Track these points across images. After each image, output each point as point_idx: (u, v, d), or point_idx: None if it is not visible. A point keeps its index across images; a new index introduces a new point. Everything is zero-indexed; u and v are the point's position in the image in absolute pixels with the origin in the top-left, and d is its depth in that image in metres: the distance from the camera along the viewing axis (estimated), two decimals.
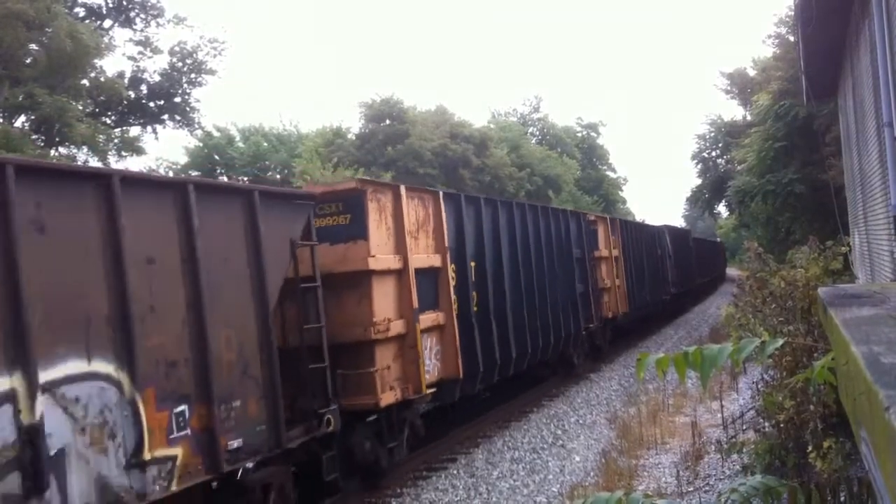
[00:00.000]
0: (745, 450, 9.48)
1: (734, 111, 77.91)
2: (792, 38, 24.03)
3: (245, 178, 44.00)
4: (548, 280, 17.07)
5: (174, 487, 7.04)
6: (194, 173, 43.11)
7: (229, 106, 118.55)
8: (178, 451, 7.15)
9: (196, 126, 43.91)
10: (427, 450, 12.83)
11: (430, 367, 11.93)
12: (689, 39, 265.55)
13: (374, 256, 10.72)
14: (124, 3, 38.93)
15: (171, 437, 7.09)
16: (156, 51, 40.37)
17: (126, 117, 40.43)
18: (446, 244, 12.74)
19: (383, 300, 10.91)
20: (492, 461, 12.57)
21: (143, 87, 40.54)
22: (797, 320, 8.53)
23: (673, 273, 32.72)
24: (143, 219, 7.08)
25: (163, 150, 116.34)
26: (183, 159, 50.29)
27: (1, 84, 27.60)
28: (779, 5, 51.49)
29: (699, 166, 55.02)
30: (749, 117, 39.25)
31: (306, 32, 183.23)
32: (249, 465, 8.29)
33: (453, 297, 12.77)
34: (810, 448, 7.80)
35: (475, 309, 13.55)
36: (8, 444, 5.60)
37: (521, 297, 15.49)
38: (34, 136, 29.95)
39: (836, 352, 2.57)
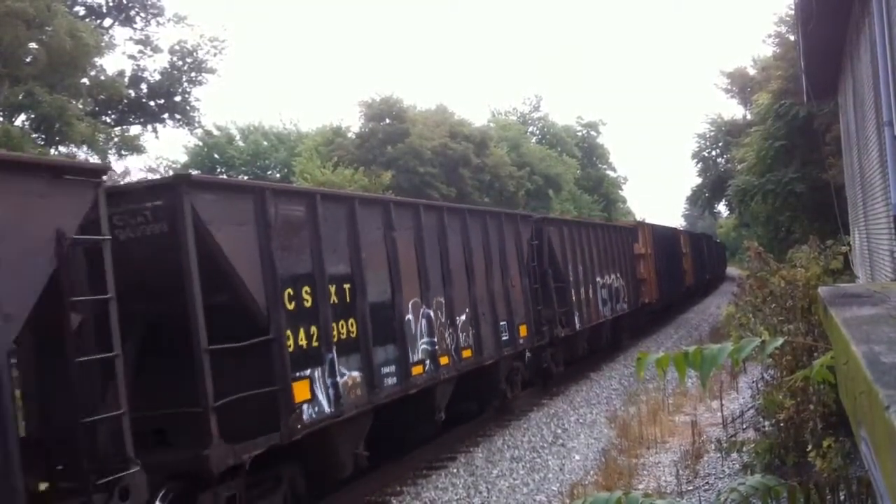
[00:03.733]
0: (744, 449, 9.47)
1: (734, 110, 77.79)
2: (792, 37, 24.02)
3: (245, 177, 44.00)
4: (671, 263, 33.81)
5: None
6: (195, 172, 43.14)
7: (229, 105, 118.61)
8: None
9: (196, 125, 43.90)
10: (426, 448, 12.85)
11: (651, 293, 28.19)
12: (689, 38, 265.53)
13: (641, 248, 27.37)
14: (124, 1, 38.92)
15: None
16: (156, 49, 40.37)
17: (126, 116, 40.41)
18: (651, 245, 29.20)
19: (643, 265, 27.30)
20: (492, 460, 12.58)
21: (144, 86, 40.51)
22: (797, 319, 8.52)
23: (707, 264, 49.18)
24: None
25: (163, 148, 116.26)
26: (183, 158, 50.42)
27: (1, 83, 27.60)
28: (779, 4, 51.45)
29: (699, 165, 55.01)
30: (749, 116, 39.25)
31: (306, 31, 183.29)
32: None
33: (653, 266, 28.93)
34: (810, 447, 7.80)
35: (656, 272, 29.44)
36: (613, 291, 23.08)
37: (667, 269, 32.10)
38: (34, 135, 29.95)
39: (836, 351, 2.57)
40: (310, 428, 8.73)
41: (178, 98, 41.37)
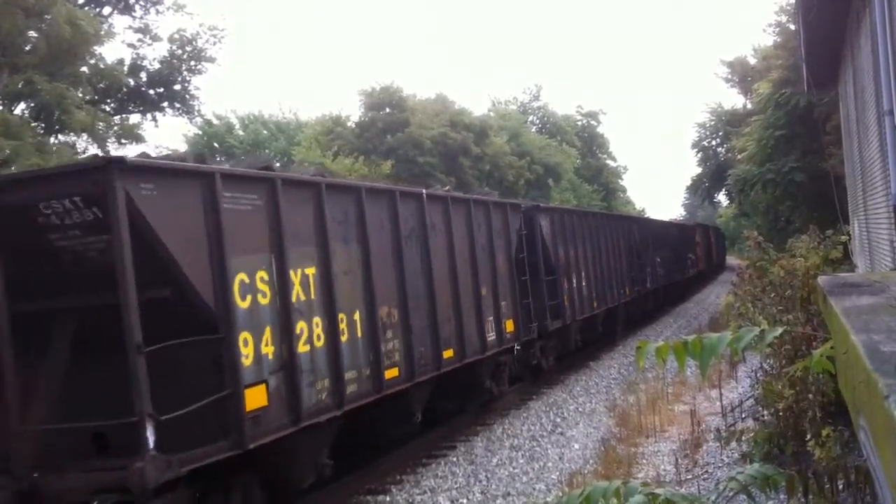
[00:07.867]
0: (743, 438, 9.47)
1: (734, 100, 77.72)
2: (793, 27, 23.97)
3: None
4: (706, 248, 48.39)
5: None
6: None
7: (229, 94, 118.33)
8: None
9: (196, 114, 43.71)
10: (425, 439, 12.88)
11: (701, 265, 45.32)
12: (689, 27, 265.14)
13: (697, 239, 44.56)
14: None
15: None
16: (155, 38, 40.18)
17: (126, 105, 40.26)
18: (701, 237, 46.30)
19: (697, 249, 43.71)
20: (491, 448, 12.61)
21: (143, 75, 40.34)
22: (796, 309, 8.52)
23: (715, 251, 58.86)
24: None
25: (162, 137, 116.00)
26: (182, 147, 50.33)
27: (0, 71, 27.54)
28: None
29: (699, 155, 55.07)
30: (749, 106, 39.24)
31: (306, 20, 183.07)
32: None
33: (701, 249, 45.39)
34: (809, 436, 7.80)
35: (702, 253, 45.76)
36: (690, 262, 41.59)
37: (705, 252, 47.61)
38: (33, 124, 29.88)
39: (835, 340, 2.58)
40: None
41: (177, 87, 41.19)
